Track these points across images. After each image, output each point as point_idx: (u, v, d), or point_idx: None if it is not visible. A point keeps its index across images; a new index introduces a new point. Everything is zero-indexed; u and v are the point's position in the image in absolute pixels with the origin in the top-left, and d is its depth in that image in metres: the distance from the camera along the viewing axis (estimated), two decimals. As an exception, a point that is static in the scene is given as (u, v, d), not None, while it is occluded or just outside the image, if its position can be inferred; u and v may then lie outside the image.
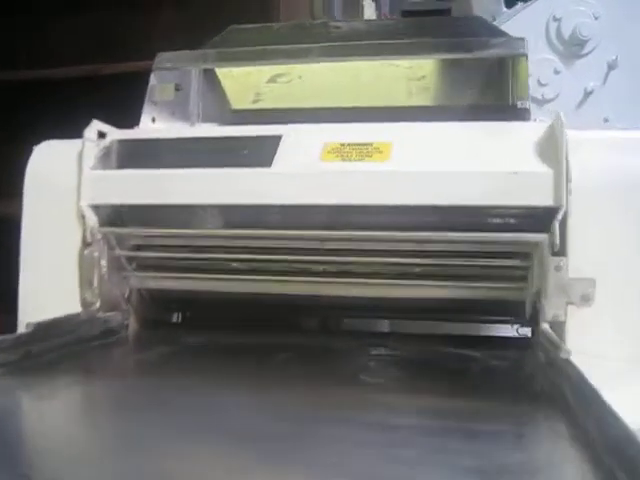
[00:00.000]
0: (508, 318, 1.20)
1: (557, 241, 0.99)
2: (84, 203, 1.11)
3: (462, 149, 1.06)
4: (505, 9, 1.53)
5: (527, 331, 1.21)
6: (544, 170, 1.01)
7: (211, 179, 1.08)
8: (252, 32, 1.38)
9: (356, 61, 1.25)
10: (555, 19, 1.42)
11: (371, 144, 1.09)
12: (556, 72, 1.41)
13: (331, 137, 1.11)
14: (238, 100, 1.40)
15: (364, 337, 1.22)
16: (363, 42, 1.27)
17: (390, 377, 0.97)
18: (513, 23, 1.43)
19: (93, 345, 1.09)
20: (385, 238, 1.07)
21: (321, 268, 1.17)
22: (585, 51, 1.41)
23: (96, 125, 1.15)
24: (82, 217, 1.12)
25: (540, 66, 1.40)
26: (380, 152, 1.07)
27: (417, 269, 1.12)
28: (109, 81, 1.36)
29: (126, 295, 1.19)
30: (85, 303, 1.12)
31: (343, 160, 1.07)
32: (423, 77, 1.30)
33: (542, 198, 1.01)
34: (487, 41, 1.17)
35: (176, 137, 1.16)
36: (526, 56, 1.15)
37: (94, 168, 1.13)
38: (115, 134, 1.17)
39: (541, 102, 1.41)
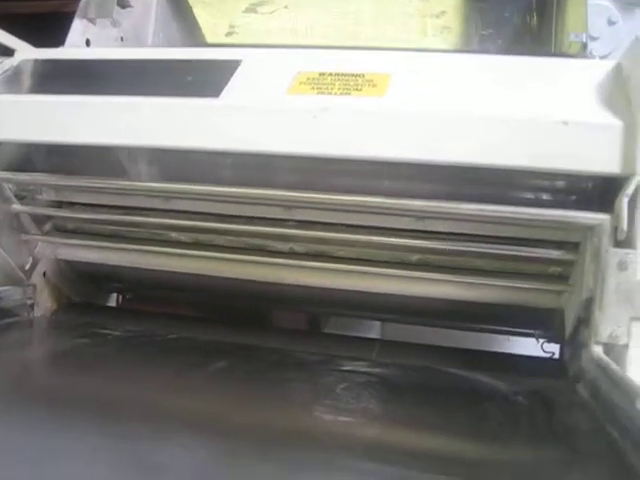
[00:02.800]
0: (532, 331, 0.82)
1: (624, 225, 0.61)
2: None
3: (491, 88, 0.67)
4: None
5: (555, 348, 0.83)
6: (609, 121, 0.62)
7: (140, 110, 0.70)
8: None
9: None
10: None
11: (362, 75, 0.70)
12: (610, 22, 1.02)
13: (308, 64, 0.73)
14: (211, 31, 1.02)
15: (339, 344, 0.83)
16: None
17: (359, 411, 0.59)
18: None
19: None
20: (374, 206, 0.68)
21: (287, 247, 0.79)
22: (648, -3, 1.03)
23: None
24: (-37, 156, 0.75)
25: (590, 14, 1.01)
26: (374, 85, 0.69)
27: (415, 256, 0.74)
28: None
29: (27, 267, 0.81)
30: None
31: (320, 93, 0.69)
32: (442, 13, 0.92)
33: (604, 162, 0.62)
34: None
35: (103, 58, 0.77)
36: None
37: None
38: (27, 52, 0.80)
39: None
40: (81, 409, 0.57)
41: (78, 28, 0.85)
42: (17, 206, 0.77)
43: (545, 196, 0.68)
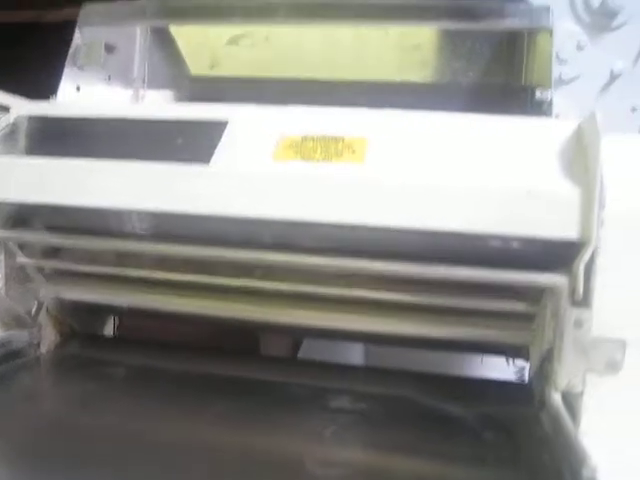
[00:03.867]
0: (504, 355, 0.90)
1: (580, 288, 0.68)
2: (-26, 200, 0.80)
3: (460, 152, 0.74)
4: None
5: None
6: (568, 190, 0.69)
7: (133, 177, 0.75)
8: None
9: (333, 25, 0.91)
10: None
11: (342, 139, 0.76)
12: (579, 47, 1.07)
13: (291, 126, 0.78)
14: (195, 62, 1.06)
15: (325, 374, 0.91)
16: (344, -1, 0.93)
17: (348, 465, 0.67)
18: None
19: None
20: (351, 268, 0.75)
21: (273, 286, 0.85)
22: (616, 24, 1.07)
23: (-8, 98, 0.82)
24: (-31, 216, 0.80)
25: (561, 38, 1.06)
26: (352, 151, 0.75)
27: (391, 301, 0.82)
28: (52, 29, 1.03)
29: (33, 311, 0.88)
30: (-26, 326, 0.82)
31: (303, 159, 0.75)
32: (417, 46, 0.96)
33: (563, 229, 0.69)
34: (501, 7, 0.84)
35: (94, 117, 0.82)
36: (550, 32, 0.81)
37: (-3, 151, 0.81)
38: (22, 108, 0.85)
39: (558, 83, 1.08)
40: (96, 454, 0.66)
41: (69, 76, 0.90)
42: (22, 259, 0.83)
43: (518, 256, 0.74)
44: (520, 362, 0.91)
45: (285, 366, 0.93)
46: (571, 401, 0.69)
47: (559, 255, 0.71)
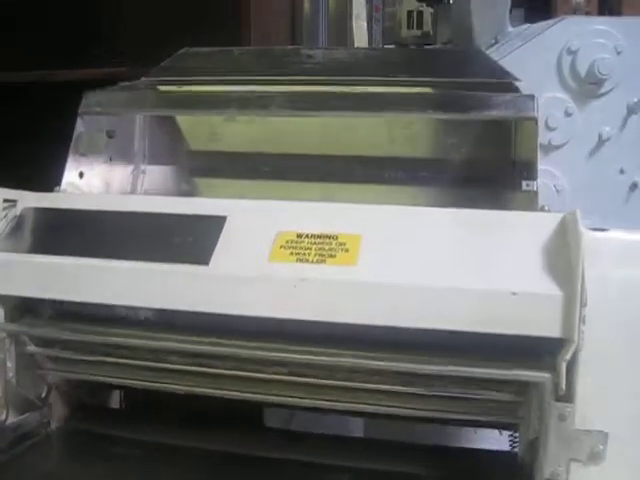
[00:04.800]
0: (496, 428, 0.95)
1: (563, 385, 0.73)
2: (-18, 294, 0.85)
3: (449, 250, 0.78)
4: (511, 28, 1.22)
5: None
6: (551, 291, 0.73)
7: (134, 277, 0.81)
8: (206, 58, 1.08)
9: (328, 115, 0.95)
10: (570, 52, 1.11)
11: (336, 237, 0.81)
12: (567, 114, 1.11)
13: (286, 220, 0.83)
14: (193, 136, 1.11)
15: (325, 449, 0.96)
16: (338, 85, 0.98)
17: None
18: (520, 54, 1.13)
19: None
20: (342, 364, 0.80)
21: (271, 370, 0.90)
22: (602, 91, 1.11)
23: (1, 194, 0.87)
24: (-19, 310, 0.86)
25: (549, 106, 1.10)
26: (346, 251, 0.79)
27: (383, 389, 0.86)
28: (62, 88, 1.07)
29: (43, 395, 0.93)
30: (-13, 415, 0.87)
31: (298, 260, 0.79)
32: (410, 124, 1.01)
33: (546, 328, 0.74)
34: (488, 98, 0.88)
35: (100, 210, 0.87)
36: (535, 120, 0.86)
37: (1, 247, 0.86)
38: (27, 200, 0.90)
39: (547, 149, 1.12)
40: None
41: (72, 164, 0.94)
42: (31, 348, 0.88)
43: (504, 353, 0.78)
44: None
45: (288, 441, 0.98)
46: (558, 487, 0.75)
47: (543, 352, 0.77)
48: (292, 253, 0.80)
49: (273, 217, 0.84)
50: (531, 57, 1.11)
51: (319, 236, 0.81)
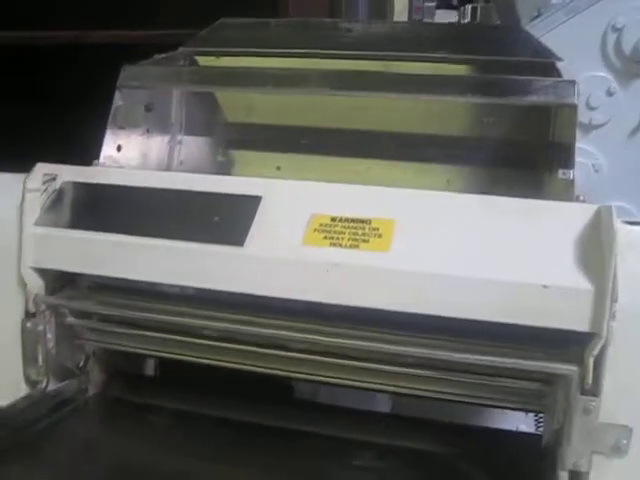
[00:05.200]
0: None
1: (589, 379, 0.74)
2: (25, 267, 0.88)
3: (481, 239, 0.79)
4: (554, 0, 1.19)
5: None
6: (582, 285, 0.74)
7: (173, 257, 0.83)
8: (244, 29, 1.08)
9: (363, 95, 0.95)
10: (615, 29, 1.08)
11: (369, 221, 0.81)
12: (609, 93, 1.09)
13: (321, 202, 0.84)
14: (231, 109, 1.12)
15: (351, 423, 0.98)
16: (376, 60, 0.97)
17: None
18: (563, 30, 1.10)
19: (40, 427, 0.89)
20: (375, 350, 0.82)
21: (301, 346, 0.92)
22: (648, 70, 1.09)
23: (41, 169, 0.89)
24: (24, 283, 0.88)
25: (591, 85, 1.08)
26: (379, 236, 0.80)
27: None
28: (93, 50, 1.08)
29: (81, 364, 0.96)
30: (30, 382, 0.90)
31: (332, 245, 0.80)
32: (447, 104, 1.00)
33: (576, 322, 0.74)
34: (528, 83, 0.87)
35: (137, 187, 0.88)
36: (575, 107, 0.84)
37: (39, 222, 0.88)
38: (67, 174, 0.91)
39: (588, 128, 1.10)
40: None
41: (110, 138, 0.96)
42: (70, 319, 0.91)
43: (533, 344, 0.79)
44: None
45: (315, 414, 1.01)
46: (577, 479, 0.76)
47: (571, 345, 0.77)
48: (326, 237, 0.81)
49: (308, 198, 0.85)
50: (574, 34, 1.08)
51: (353, 220, 0.82)
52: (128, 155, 0.99)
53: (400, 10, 1.78)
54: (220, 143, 1.11)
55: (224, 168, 1.11)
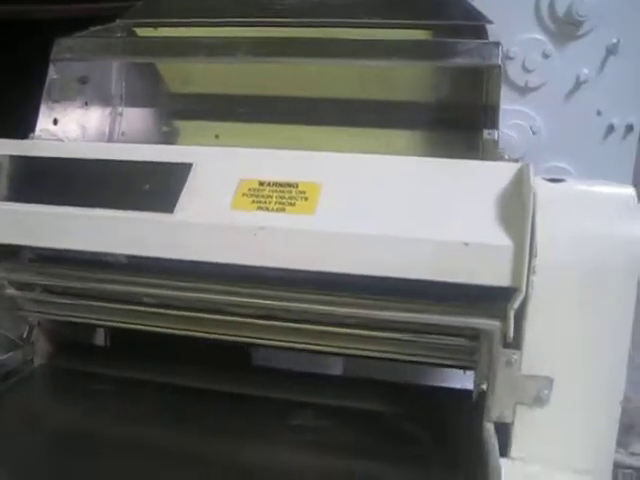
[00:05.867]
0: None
1: (510, 332, 0.76)
2: (-42, 238, 0.88)
3: (405, 200, 0.80)
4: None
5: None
6: (502, 242, 0.75)
7: (104, 224, 0.83)
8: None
9: (298, 62, 0.95)
10: None
11: (296, 185, 0.82)
12: (545, 56, 1.10)
13: (250, 168, 0.85)
14: (169, 79, 1.12)
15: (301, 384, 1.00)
16: (308, 27, 0.98)
17: None
18: (498, -7, 1.12)
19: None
20: (298, 309, 0.84)
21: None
22: (581, 32, 1.08)
23: (-27, 142, 0.89)
24: (-42, 255, 0.89)
25: (527, 48, 1.09)
26: (305, 199, 0.81)
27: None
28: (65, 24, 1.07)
29: (25, 334, 0.97)
30: (-33, 354, 0.92)
31: (259, 209, 0.81)
32: (379, 69, 1.01)
33: (496, 277, 0.76)
34: (452, 45, 0.88)
35: (70, 158, 0.89)
36: (499, 68, 0.86)
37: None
38: (3, 147, 0.91)
39: (524, 91, 1.11)
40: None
41: (45, 111, 0.96)
42: (10, 291, 0.92)
43: (456, 301, 0.81)
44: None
45: (257, 377, 1.03)
46: (502, 429, 0.78)
47: (492, 300, 0.79)
48: (254, 201, 0.82)
49: (238, 164, 0.86)
50: (510, -3, 1.09)
51: (280, 184, 0.83)
52: (65, 128, 0.99)
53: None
54: (160, 114, 1.11)
55: (164, 138, 1.12)
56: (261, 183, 0.83)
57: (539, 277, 0.75)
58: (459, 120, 0.96)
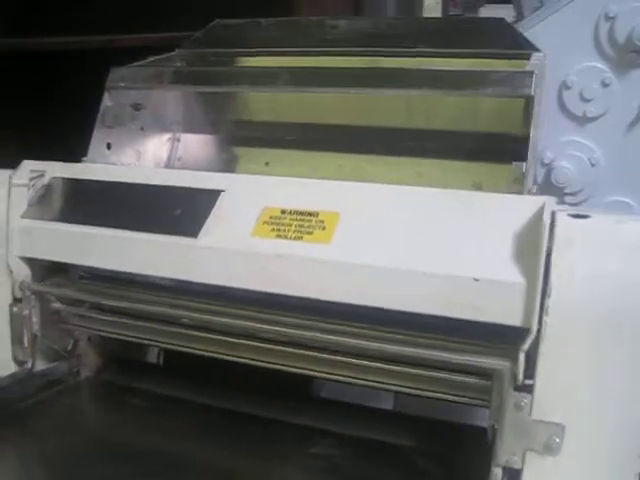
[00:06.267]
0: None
1: (521, 375, 0.73)
2: (12, 256, 0.95)
3: (422, 232, 0.79)
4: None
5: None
6: (513, 278, 0.73)
7: (136, 247, 0.88)
8: (236, 30, 1.11)
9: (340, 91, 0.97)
10: (608, 18, 1.03)
11: (316, 214, 0.83)
12: (604, 85, 1.04)
13: (274, 196, 0.87)
14: (224, 107, 1.16)
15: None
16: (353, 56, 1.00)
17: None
18: (555, 19, 1.07)
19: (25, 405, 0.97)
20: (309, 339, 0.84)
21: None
22: (643, 59, 1.04)
23: (28, 166, 0.96)
24: (10, 271, 0.96)
25: (585, 76, 1.04)
26: (323, 228, 0.82)
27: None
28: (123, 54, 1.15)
29: (69, 347, 1.03)
30: (17, 362, 0.98)
31: (278, 237, 0.83)
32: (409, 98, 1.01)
33: (507, 316, 0.73)
34: (485, 75, 0.85)
35: (113, 181, 0.94)
36: (532, 98, 0.83)
37: (26, 214, 0.96)
38: (53, 170, 0.98)
39: (583, 121, 1.06)
40: None
41: (97, 136, 1.02)
42: (56, 305, 0.98)
43: (468, 339, 0.79)
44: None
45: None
46: (511, 475, 0.75)
47: (503, 340, 0.76)
48: (273, 229, 0.84)
49: (265, 192, 0.88)
50: (567, 23, 1.05)
51: (301, 213, 0.84)
52: (119, 152, 1.05)
53: (430, 4, 1.75)
54: (215, 140, 1.16)
55: (222, 164, 1.16)
56: (283, 211, 0.85)
57: (552, 318, 0.72)
58: (490, 151, 0.94)
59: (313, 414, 0.99)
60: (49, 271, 0.99)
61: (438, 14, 1.70)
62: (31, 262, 0.96)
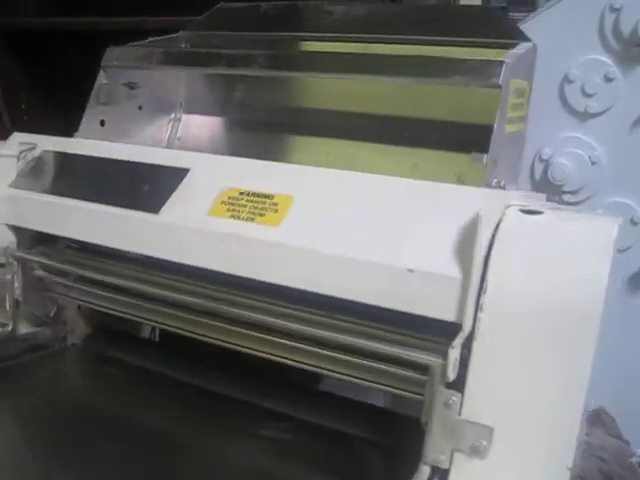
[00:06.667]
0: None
1: (450, 372, 0.70)
2: (-2, 222, 1.00)
3: (370, 220, 0.77)
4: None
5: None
6: (448, 272, 0.70)
7: (102, 219, 0.91)
8: (238, 13, 1.12)
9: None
10: (613, 9, 0.96)
11: (272, 197, 0.83)
12: (607, 79, 0.98)
13: (237, 178, 0.87)
14: (223, 88, 1.17)
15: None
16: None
17: None
18: (557, 10, 1.02)
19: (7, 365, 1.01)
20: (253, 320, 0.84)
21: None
22: (649, 53, 0.97)
23: (17, 138, 1.00)
24: (-5, 236, 1.00)
25: (587, 70, 0.98)
26: (275, 211, 0.82)
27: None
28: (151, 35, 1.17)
29: (52, 313, 1.06)
30: (-1, 324, 1.02)
31: (232, 217, 0.83)
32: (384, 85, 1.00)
33: (440, 310, 0.71)
34: (456, 64, 0.82)
35: (94, 156, 0.97)
36: (499, 88, 0.79)
37: (14, 184, 1.00)
38: (44, 144, 1.02)
39: (584, 117, 1.00)
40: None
41: (90, 113, 1.05)
42: (39, 272, 1.02)
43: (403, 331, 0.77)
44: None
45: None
46: (438, 474, 0.72)
47: (436, 335, 0.74)
48: (229, 209, 0.84)
49: (229, 173, 0.88)
50: (571, 14, 0.99)
51: (257, 194, 0.84)
52: (114, 130, 1.08)
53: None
54: (214, 121, 1.17)
55: (222, 145, 1.17)
56: (241, 193, 0.85)
57: (486, 315, 0.69)
58: (477, 143, 0.91)
59: (279, 398, 0.99)
60: (36, 240, 1.03)
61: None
62: (18, 230, 1.00)
